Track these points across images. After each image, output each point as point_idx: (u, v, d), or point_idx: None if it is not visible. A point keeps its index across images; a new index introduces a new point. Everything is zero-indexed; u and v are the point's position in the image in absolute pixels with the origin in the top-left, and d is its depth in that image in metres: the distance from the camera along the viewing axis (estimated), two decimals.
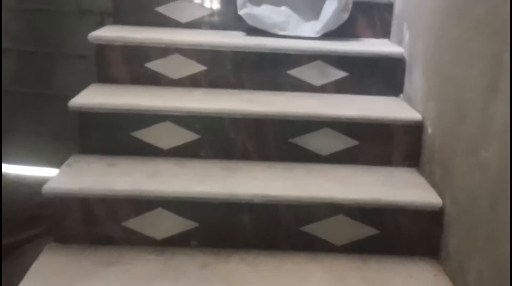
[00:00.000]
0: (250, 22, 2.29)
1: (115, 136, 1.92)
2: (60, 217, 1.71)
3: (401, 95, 2.18)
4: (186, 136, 1.92)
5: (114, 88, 2.08)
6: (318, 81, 2.17)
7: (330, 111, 1.96)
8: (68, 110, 1.89)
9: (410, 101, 2.08)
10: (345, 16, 2.28)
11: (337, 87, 2.18)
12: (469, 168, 1.52)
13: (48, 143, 3.00)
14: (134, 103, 1.91)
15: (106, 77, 2.14)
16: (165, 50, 2.12)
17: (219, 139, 1.93)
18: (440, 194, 1.71)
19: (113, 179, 1.75)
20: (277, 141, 1.94)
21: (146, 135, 1.91)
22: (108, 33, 2.15)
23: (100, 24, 2.69)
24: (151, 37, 2.13)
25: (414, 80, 2.05)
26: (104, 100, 1.93)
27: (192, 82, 2.15)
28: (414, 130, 1.93)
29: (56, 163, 1.94)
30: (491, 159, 1.39)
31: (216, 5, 2.37)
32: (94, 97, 1.97)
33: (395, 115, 1.95)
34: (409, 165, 1.95)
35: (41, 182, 1.73)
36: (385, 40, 2.39)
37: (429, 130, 1.86)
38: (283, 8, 2.32)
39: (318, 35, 2.28)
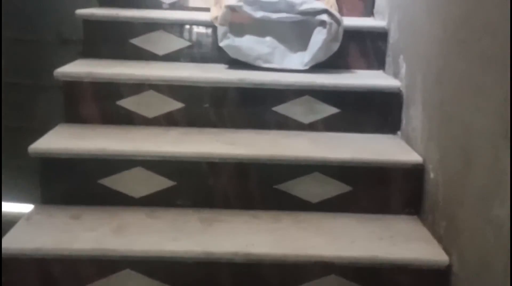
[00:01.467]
0: (232, 54, 2.11)
1: (80, 184, 1.72)
2: (15, 280, 1.50)
3: (398, 133, 1.99)
4: (160, 182, 1.72)
5: (82, 129, 1.88)
6: (306, 119, 1.99)
7: (321, 153, 1.77)
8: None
9: (408, 140, 1.89)
10: (336, 46, 2.10)
11: (328, 125, 2.00)
12: (480, 225, 1.32)
13: (19, 180, 2.79)
14: (102, 147, 1.71)
15: (74, 117, 1.94)
16: (138, 87, 1.93)
17: (197, 186, 1.74)
18: (446, 249, 1.51)
19: (75, 235, 1.54)
20: (261, 187, 1.75)
21: (115, 182, 1.71)
22: (76, 68, 1.96)
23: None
24: (123, 72, 1.94)
25: (413, 117, 1.87)
26: (69, 144, 1.74)
27: (168, 121, 1.96)
28: (414, 173, 1.74)
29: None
30: (506, 218, 1.19)
31: (195, 36, 2.19)
32: (59, 140, 1.77)
33: (393, 157, 1.77)
34: (409, 213, 1.75)
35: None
36: (380, 72, 2.21)
37: (431, 175, 1.67)
38: (268, 38, 2.14)
39: (306, 68, 2.10)
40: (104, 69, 1.97)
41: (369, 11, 2.44)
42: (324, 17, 2.06)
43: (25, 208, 2.58)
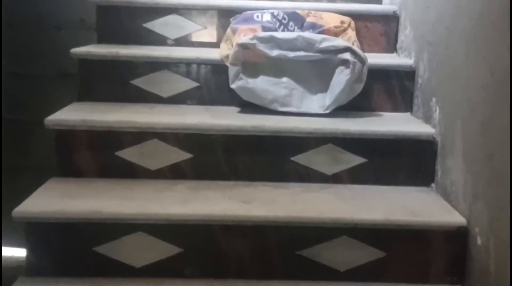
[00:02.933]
0: (245, 97, 1.90)
1: (73, 252, 1.49)
2: None
3: (433, 185, 1.77)
4: (164, 249, 1.49)
5: (77, 185, 1.66)
6: (330, 169, 1.77)
7: (349, 213, 1.55)
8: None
9: (446, 196, 1.66)
10: (359, 88, 1.89)
11: (353, 176, 1.78)
12: None
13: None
14: (98, 210, 1.49)
15: (68, 169, 1.72)
16: (140, 135, 1.72)
17: (208, 253, 1.51)
18: None
19: None
20: (281, 253, 1.52)
21: (113, 250, 1.48)
22: (70, 115, 1.75)
23: None
24: (123, 119, 1.73)
25: (451, 169, 1.64)
26: (60, 205, 1.51)
27: (174, 173, 1.74)
28: (457, 237, 1.51)
29: None
30: None
31: (204, 76, 1.98)
32: (48, 200, 1.54)
33: (431, 218, 1.55)
34: (453, 282, 1.52)
35: None
36: (407, 115, 2.00)
37: (479, 240, 1.44)
38: (285, 79, 1.92)
39: (327, 112, 1.88)
40: (101, 115, 1.75)
41: (391, 47, 2.24)
42: (347, 55, 1.85)
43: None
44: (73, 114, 1.76)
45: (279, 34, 1.89)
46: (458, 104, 1.62)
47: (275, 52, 1.88)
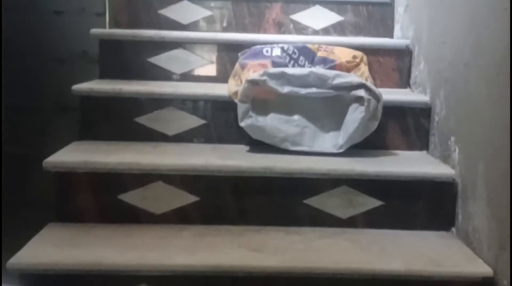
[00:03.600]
0: (254, 136, 1.81)
1: None
2: None
3: (453, 230, 1.67)
4: None
5: (76, 231, 1.57)
6: (344, 213, 1.67)
7: (367, 263, 1.45)
8: None
9: (468, 242, 1.57)
10: (374, 126, 1.81)
11: (369, 220, 1.68)
12: None
13: None
14: (98, 261, 1.39)
15: (67, 214, 1.63)
16: (144, 177, 1.63)
17: None
18: None
19: None
20: None
21: None
22: (70, 156, 1.66)
23: None
24: (126, 160, 1.64)
25: (473, 214, 1.55)
26: (58, 255, 1.42)
27: (180, 217, 1.65)
28: None
29: None
30: None
31: (211, 114, 1.90)
32: (44, 249, 1.45)
33: (455, 269, 1.45)
34: None
35: None
36: (423, 153, 1.91)
37: None
38: (296, 117, 1.84)
39: (340, 151, 1.79)
40: (103, 156, 1.67)
41: (404, 83, 2.16)
42: (361, 92, 1.77)
43: None
44: (73, 155, 1.67)
45: (290, 70, 1.81)
46: (480, 146, 1.53)
47: (286, 89, 1.80)
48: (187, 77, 2.13)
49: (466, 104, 1.63)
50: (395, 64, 2.15)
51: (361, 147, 1.83)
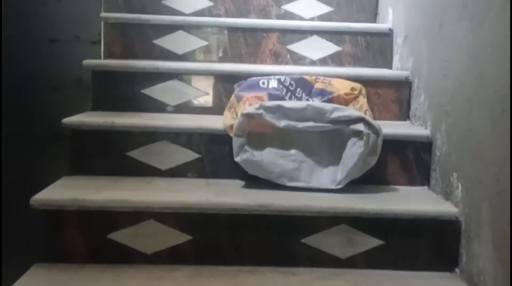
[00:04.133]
0: (250, 171, 1.76)
1: None
2: None
3: (457, 270, 1.61)
4: None
5: (63, 273, 1.50)
6: (343, 253, 1.61)
7: None
8: None
9: (472, 283, 1.51)
10: (373, 161, 1.75)
11: (369, 260, 1.62)
12: None
13: None
14: None
15: (55, 253, 1.57)
16: (135, 215, 1.57)
17: None
18: None
19: None
20: None
21: None
22: (59, 193, 1.60)
23: None
24: (117, 198, 1.58)
25: (478, 255, 1.48)
26: None
27: (172, 257, 1.58)
28: None
29: None
30: None
31: (206, 147, 1.84)
32: None
33: None
34: None
35: None
36: (424, 189, 1.85)
37: None
38: (293, 151, 1.79)
39: (339, 187, 1.73)
40: (93, 193, 1.61)
41: (404, 115, 2.11)
42: (360, 126, 1.72)
43: None
44: (62, 192, 1.61)
45: (287, 103, 1.76)
46: (484, 184, 1.48)
47: (283, 123, 1.75)
48: (182, 109, 2.08)
49: (469, 140, 1.58)
50: (395, 95, 2.10)
51: (360, 182, 1.77)
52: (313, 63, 2.36)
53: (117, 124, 1.82)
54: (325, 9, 2.60)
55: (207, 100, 2.08)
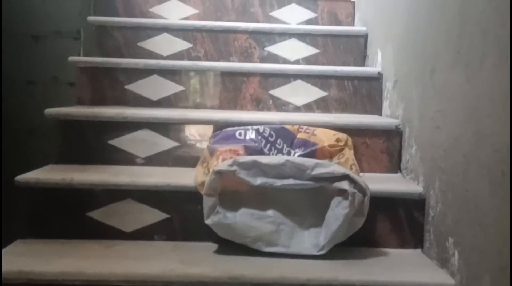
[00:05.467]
0: (222, 234, 1.58)
1: None
2: None
3: None
4: None
5: None
6: None
7: None
8: None
9: None
10: (360, 222, 1.58)
11: None
12: None
13: None
14: None
15: None
16: None
17: None
18: None
19: None
20: None
21: None
22: (7, 264, 1.41)
23: None
24: (68, 270, 1.40)
25: None
26: None
27: None
28: None
29: None
30: None
31: (175, 206, 1.67)
32: None
33: None
34: None
35: None
36: (418, 252, 1.69)
37: None
38: (271, 212, 1.61)
39: (322, 253, 1.55)
40: (43, 263, 1.43)
41: (395, 166, 1.95)
42: (345, 185, 1.55)
43: None
44: (9, 261, 1.42)
45: (264, 159, 1.59)
46: (484, 254, 1.30)
47: (259, 181, 1.57)
48: (153, 161, 1.91)
49: (466, 203, 1.41)
50: (384, 146, 1.94)
51: (346, 244, 1.59)
52: (297, 109, 2.20)
53: (76, 182, 1.64)
54: (311, 51, 2.45)
55: (180, 151, 1.91)
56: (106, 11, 2.63)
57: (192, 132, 1.93)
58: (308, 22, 2.69)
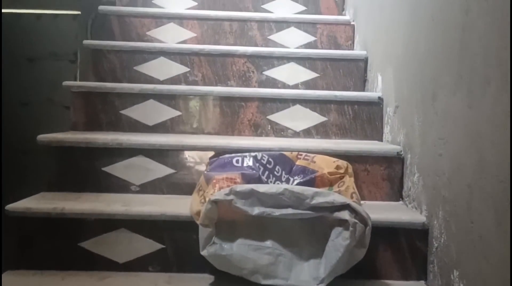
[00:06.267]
0: (219, 266, 1.53)
1: None
2: None
3: None
4: None
5: None
6: None
7: None
8: None
9: None
10: (361, 254, 1.52)
11: None
12: None
13: None
14: None
15: None
16: None
17: None
18: None
19: None
20: None
21: None
22: None
23: None
24: None
25: None
26: None
27: None
28: None
29: None
30: None
31: (170, 236, 1.62)
32: None
33: None
34: None
35: None
36: (421, 284, 1.62)
37: None
38: (269, 242, 1.55)
39: (323, 285, 1.49)
40: None
41: (396, 194, 1.90)
42: (345, 214, 1.50)
43: None
44: None
45: (262, 188, 1.54)
46: None
47: (256, 210, 1.52)
48: (147, 188, 1.86)
49: (471, 234, 1.36)
50: (385, 173, 1.89)
51: (346, 276, 1.53)
52: (296, 134, 2.16)
53: (68, 211, 1.59)
54: (310, 75, 2.42)
55: (176, 178, 1.86)
56: (102, 34, 2.61)
57: (188, 159, 1.88)
58: (307, 45, 2.66)
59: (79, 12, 3.14)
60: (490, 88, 1.27)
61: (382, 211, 1.71)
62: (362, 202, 1.75)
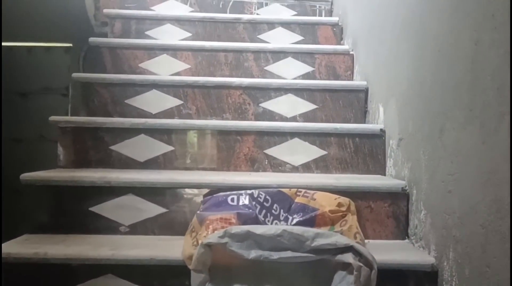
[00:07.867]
0: None
1: None
2: None
3: None
4: None
5: None
6: None
7: None
8: None
9: None
10: None
11: None
12: None
13: None
14: None
15: None
16: None
17: None
18: None
19: None
20: None
21: None
22: None
23: None
24: None
25: None
26: None
27: None
28: None
29: None
30: None
31: (160, 282, 1.49)
32: None
33: None
34: None
35: None
36: None
37: None
38: None
39: None
40: None
41: (402, 232, 1.79)
42: (349, 257, 1.39)
43: None
44: None
45: (259, 229, 1.43)
46: None
47: (253, 254, 1.41)
48: (138, 229, 1.75)
49: (487, 279, 1.24)
50: (390, 210, 1.78)
51: None
52: (294, 169, 2.06)
53: (51, 256, 1.48)
54: (308, 106, 2.32)
55: (167, 218, 1.75)
56: (94, 67, 2.52)
57: (181, 197, 1.77)
58: (305, 76, 2.58)
59: (70, 45, 3.07)
60: (504, 123, 1.17)
61: (388, 251, 1.60)
62: (366, 241, 1.64)
